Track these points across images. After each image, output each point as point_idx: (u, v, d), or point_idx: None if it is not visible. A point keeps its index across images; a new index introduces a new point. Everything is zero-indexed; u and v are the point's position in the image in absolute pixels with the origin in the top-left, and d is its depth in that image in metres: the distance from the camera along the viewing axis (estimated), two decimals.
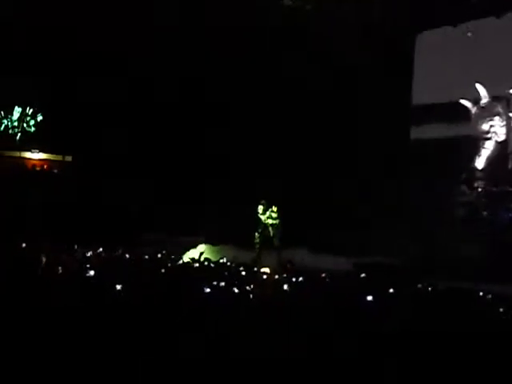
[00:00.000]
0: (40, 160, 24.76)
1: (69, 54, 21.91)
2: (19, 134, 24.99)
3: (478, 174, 17.82)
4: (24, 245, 14.66)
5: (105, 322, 6.08)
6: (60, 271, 10.25)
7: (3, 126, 25.11)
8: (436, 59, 18.23)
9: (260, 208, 19.31)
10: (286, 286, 9.32)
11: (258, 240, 19.30)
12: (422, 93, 18.66)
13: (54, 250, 13.47)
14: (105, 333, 5.69)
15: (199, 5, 19.39)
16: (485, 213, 17.34)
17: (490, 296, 9.54)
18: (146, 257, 15.15)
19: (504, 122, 17.38)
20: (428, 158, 18.27)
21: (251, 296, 8.57)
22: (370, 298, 7.85)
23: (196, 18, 19.71)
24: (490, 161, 17.56)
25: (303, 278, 11.07)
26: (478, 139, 17.81)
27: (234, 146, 21.21)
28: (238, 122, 21.19)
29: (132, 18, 19.99)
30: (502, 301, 9.13)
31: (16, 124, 25.00)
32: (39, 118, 25.29)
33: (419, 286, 11.83)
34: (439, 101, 18.20)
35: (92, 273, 9.96)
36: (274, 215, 19.18)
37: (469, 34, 17.43)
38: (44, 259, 11.70)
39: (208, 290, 8.58)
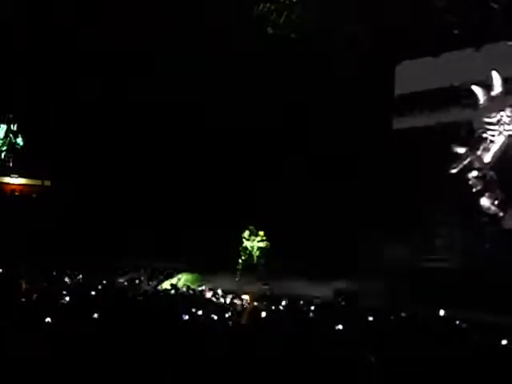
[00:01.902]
0: (19, 185, 24.57)
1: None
2: (4, 153, 24.67)
3: (486, 169, 16.75)
4: (1, 270, 14.51)
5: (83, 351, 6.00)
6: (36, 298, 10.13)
7: None
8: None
9: (246, 234, 19.12)
10: (263, 314, 9.27)
11: (240, 266, 19.16)
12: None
13: (32, 276, 13.32)
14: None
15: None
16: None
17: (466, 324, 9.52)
18: (125, 283, 15.09)
19: None
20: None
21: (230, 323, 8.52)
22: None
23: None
24: (499, 156, 16.63)
25: (282, 306, 11.02)
26: (485, 131, 16.83)
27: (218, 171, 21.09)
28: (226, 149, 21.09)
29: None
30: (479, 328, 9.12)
31: (1, 142, 24.67)
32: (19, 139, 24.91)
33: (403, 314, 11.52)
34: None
35: (68, 299, 9.88)
36: (261, 241, 18.99)
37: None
38: (24, 285, 11.56)
39: (186, 317, 8.52)
